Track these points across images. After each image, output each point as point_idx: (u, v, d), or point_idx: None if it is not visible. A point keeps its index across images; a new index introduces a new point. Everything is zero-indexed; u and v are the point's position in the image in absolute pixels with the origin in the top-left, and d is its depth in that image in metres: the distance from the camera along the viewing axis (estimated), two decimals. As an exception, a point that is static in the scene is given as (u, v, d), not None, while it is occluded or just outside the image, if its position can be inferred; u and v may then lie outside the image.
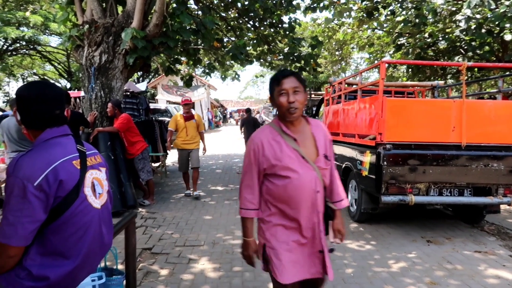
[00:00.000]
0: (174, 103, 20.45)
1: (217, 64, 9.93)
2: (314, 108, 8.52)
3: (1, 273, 1.50)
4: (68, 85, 23.02)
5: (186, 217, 5.39)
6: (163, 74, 18.13)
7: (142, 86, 10.86)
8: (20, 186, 1.41)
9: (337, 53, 14.46)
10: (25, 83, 1.76)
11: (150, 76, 23.14)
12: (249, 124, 11.44)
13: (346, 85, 6.00)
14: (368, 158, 4.55)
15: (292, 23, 8.23)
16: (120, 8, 6.77)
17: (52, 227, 1.51)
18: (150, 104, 11.48)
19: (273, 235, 1.95)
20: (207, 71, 8.71)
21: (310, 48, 8.42)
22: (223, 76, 11.35)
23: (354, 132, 5.11)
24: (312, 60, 8.14)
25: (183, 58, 8.34)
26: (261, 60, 9.80)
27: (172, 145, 7.02)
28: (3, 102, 26.50)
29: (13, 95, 25.90)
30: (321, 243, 1.95)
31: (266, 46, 8.97)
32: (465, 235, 4.65)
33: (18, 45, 20.61)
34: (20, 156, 1.48)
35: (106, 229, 1.79)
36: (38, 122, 1.59)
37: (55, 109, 1.61)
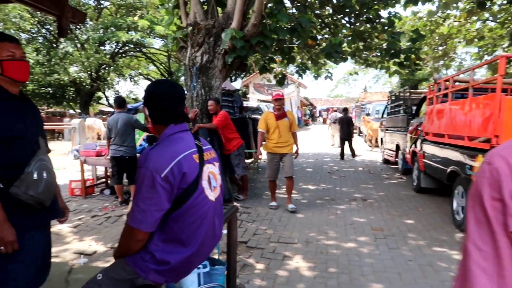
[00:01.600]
0: (264, 101, 20.84)
1: (309, 62, 9.87)
2: (414, 108, 8.01)
3: (128, 255, 1.65)
4: (168, 84, 24.78)
5: (279, 214, 5.45)
6: (256, 72, 18.37)
7: (237, 85, 11.27)
8: (150, 177, 1.53)
9: (440, 48, 13.38)
10: (154, 81, 1.91)
11: (242, 75, 23.88)
12: (343, 123, 11.57)
13: (454, 83, 5.53)
14: (480, 163, 4.14)
15: (392, 18, 7.81)
16: (220, 10, 7.09)
17: (173, 216, 1.62)
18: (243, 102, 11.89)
19: None
20: (300, 71, 8.68)
21: (410, 42, 7.93)
22: (315, 75, 11.22)
23: (463, 134, 4.68)
24: (413, 55, 7.66)
25: (277, 57, 8.44)
26: (356, 57, 9.50)
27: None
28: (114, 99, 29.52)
29: (122, 94, 28.64)
30: None
31: (361, 43, 8.67)
32: None
33: (127, 47, 22.78)
34: (149, 149, 1.61)
35: (218, 221, 1.88)
36: (165, 118, 1.72)
37: (179, 106, 1.74)
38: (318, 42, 8.42)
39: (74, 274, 3.48)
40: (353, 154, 12.07)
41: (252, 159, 8.90)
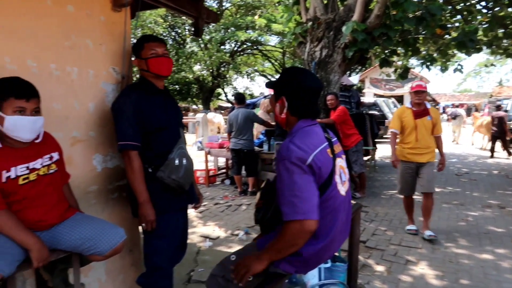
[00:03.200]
0: (382, 96, 19.84)
1: (435, 54, 9.06)
2: None
3: (296, 250, 1.58)
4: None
5: (400, 215, 5.13)
6: (373, 67, 17.53)
7: (354, 80, 10.94)
8: (298, 165, 1.51)
9: None
10: (294, 70, 1.78)
11: (357, 70, 23.10)
12: (495, 120, 10.98)
13: None
14: None
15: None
16: (340, 3, 6.93)
17: None
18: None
19: None
20: (427, 63, 8.00)
21: None
22: (442, 68, 10.24)
23: None
24: None
25: (399, 49, 7.94)
26: (493, 47, 8.43)
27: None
28: (232, 95, 31.21)
29: (238, 90, 30.11)
30: None
31: (501, 30, 7.65)
32: None
33: (245, 46, 23.84)
34: (288, 141, 1.59)
35: (347, 217, 1.83)
36: (304, 111, 1.69)
37: (318, 100, 1.74)
38: (447, 31, 7.66)
39: (201, 255, 3.78)
40: (509, 153, 11.17)
41: (369, 157, 8.54)
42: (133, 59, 2.33)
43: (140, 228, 2.40)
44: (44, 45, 1.97)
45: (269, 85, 1.88)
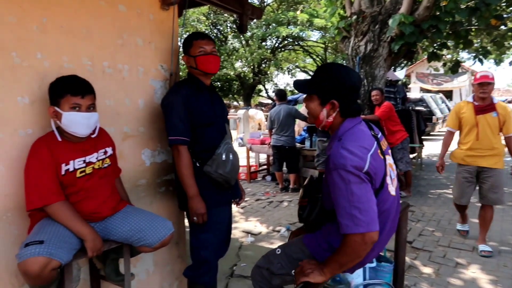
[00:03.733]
0: (429, 91, 19.05)
1: (489, 46, 8.56)
2: None
3: (359, 262, 1.54)
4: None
5: (448, 216, 4.91)
6: (421, 60, 16.89)
7: (400, 74, 10.58)
8: (355, 174, 1.43)
9: None
10: (336, 67, 1.65)
11: (403, 64, 22.33)
12: None
13: None
14: None
15: None
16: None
17: None
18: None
19: None
20: (480, 56, 7.57)
21: None
22: (496, 61, 9.65)
23: None
24: None
25: (450, 42, 7.57)
26: (555, 37, 7.82)
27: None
28: (272, 92, 31.19)
29: (279, 86, 30.02)
30: None
31: None
32: None
33: (286, 42, 23.71)
34: (339, 148, 1.49)
35: (395, 215, 1.77)
36: (352, 110, 1.61)
37: (358, 98, 1.68)
38: (503, 21, 7.21)
39: (243, 250, 3.82)
40: None
41: (415, 154, 8.25)
42: (181, 56, 2.37)
43: (186, 221, 2.46)
44: (98, 43, 2.05)
45: (304, 88, 1.69)
